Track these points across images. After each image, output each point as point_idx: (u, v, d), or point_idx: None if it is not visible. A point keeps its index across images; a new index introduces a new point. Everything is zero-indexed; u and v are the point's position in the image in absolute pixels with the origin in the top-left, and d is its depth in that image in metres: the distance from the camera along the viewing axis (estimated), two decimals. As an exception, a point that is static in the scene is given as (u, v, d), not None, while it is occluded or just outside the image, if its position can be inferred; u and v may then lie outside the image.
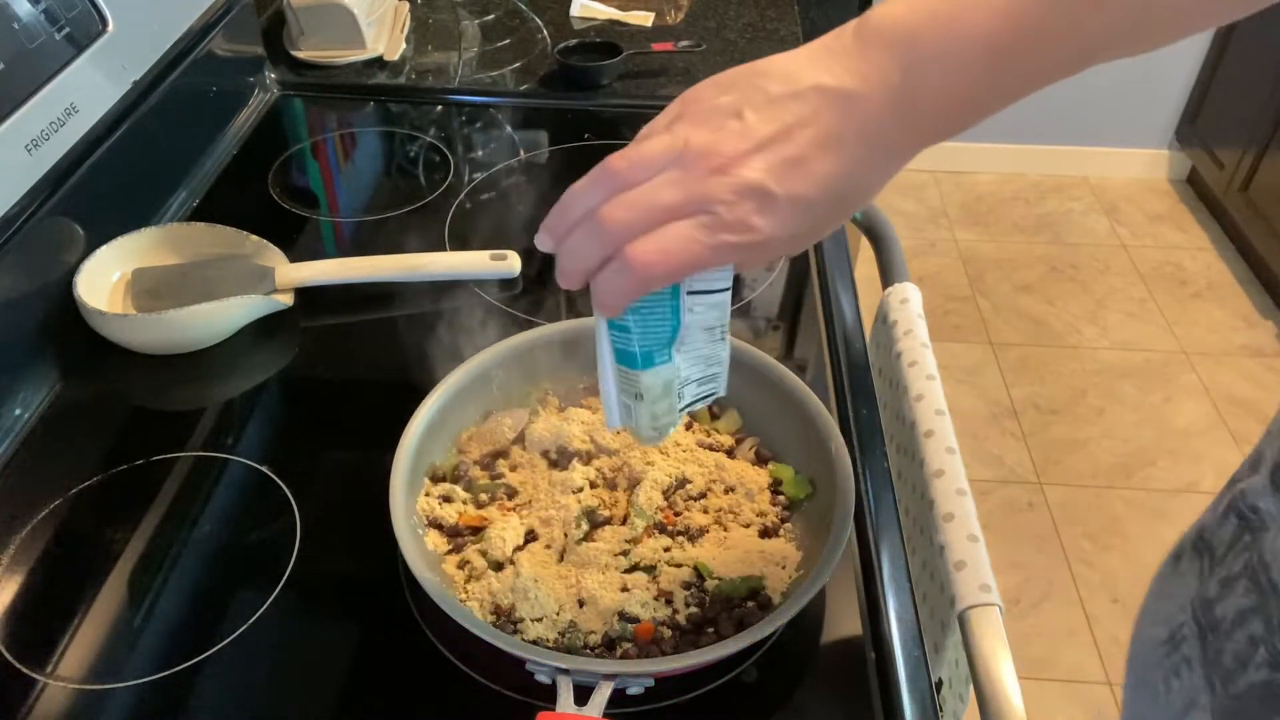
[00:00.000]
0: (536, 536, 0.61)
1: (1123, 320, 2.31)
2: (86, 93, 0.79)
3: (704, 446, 0.67)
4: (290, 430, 0.73)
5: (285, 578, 0.62)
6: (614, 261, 0.41)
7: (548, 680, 0.53)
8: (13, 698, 0.55)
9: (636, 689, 0.53)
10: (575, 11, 1.32)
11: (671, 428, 0.49)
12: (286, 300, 0.81)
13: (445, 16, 1.31)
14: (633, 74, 1.17)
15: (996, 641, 0.57)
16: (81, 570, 0.62)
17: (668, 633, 0.56)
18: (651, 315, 0.44)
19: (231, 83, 1.07)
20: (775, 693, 0.56)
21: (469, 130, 1.10)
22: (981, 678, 0.56)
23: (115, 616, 0.59)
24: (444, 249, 0.91)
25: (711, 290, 0.45)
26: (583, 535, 0.60)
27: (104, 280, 0.80)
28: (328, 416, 0.75)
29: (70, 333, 0.76)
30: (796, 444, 0.65)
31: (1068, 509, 1.87)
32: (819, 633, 0.60)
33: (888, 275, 0.90)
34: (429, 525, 0.61)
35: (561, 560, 0.59)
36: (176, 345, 0.78)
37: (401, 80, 1.17)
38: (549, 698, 0.51)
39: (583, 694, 0.51)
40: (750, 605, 0.57)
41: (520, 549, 0.60)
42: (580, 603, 0.57)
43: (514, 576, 0.57)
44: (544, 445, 0.66)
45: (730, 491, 0.64)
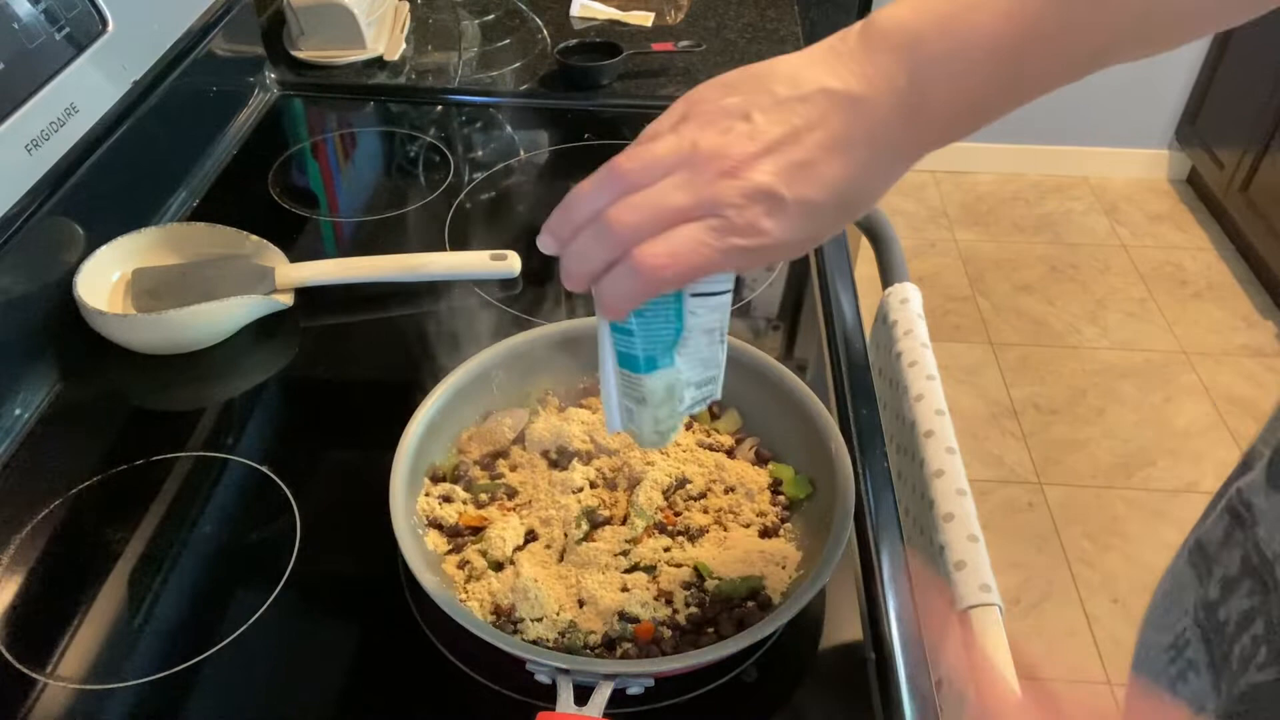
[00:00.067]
0: (536, 536, 0.61)
1: (1123, 320, 2.31)
2: (86, 93, 0.79)
3: (704, 446, 0.67)
4: (290, 430, 0.73)
5: (285, 578, 0.62)
6: (621, 264, 0.40)
7: (548, 680, 0.53)
8: (13, 698, 0.55)
9: (636, 689, 0.53)
10: (575, 11, 1.32)
11: (673, 432, 0.49)
12: (286, 300, 0.81)
13: (445, 16, 1.31)
14: (633, 74, 1.17)
15: (997, 641, 0.57)
16: (81, 570, 0.62)
17: (668, 633, 0.56)
18: (655, 318, 0.44)
19: (231, 83, 1.07)
20: (775, 693, 0.56)
21: (469, 130, 1.10)
22: (981, 678, 0.56)
23: (115, 616, 0.59)
24: (444, 249, 0.91)
25: (714, 293, 0.45)
26: (583, 535, 0.60)
27: (104, 280, 0.80)
28: (328, 416, 0.75)
29: (70, 333, 0.76)
30: (796, 444, 0.65)
31: (1068, 509, 1.87)
32: (819, 633, 0.59)
33: (888, 275, 0.90)
34: (429, 525, 0.61)
35: (561, 560, 0.59)
36: (176, 345, 0.78)
37: (401, 80, 1.17)
38: (549, 698, 0.51)
39: (583, 694, 0.51)
40: (750, 605, 0.57)
41: (520, 549, 0.60)
42: (580, 603, 0.57)
43: (514, 576, 0.57)
44: (544, 445, 0.66)
45: (730, 491, 0.64)
